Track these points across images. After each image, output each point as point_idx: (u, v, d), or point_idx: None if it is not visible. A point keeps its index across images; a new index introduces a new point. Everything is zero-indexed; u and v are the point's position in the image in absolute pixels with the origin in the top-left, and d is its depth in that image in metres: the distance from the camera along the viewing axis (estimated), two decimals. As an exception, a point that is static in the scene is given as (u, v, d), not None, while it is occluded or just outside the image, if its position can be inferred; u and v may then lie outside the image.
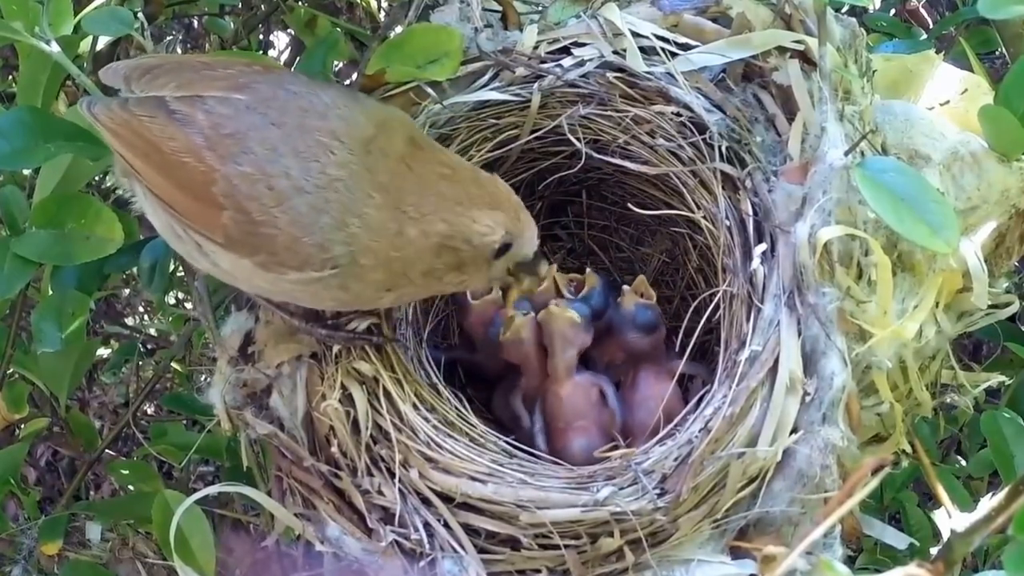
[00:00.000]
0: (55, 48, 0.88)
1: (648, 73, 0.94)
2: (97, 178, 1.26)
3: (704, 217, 0.93)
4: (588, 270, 1.03)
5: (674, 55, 0.95)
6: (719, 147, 0.91)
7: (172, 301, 1.63)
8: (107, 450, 1.23)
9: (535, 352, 0.98)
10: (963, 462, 1.25)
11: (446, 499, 0.82)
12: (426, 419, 0.85)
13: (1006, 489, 0.53)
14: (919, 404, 0.92)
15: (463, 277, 0.81)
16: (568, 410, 0.96)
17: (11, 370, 1.10)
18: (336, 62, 1.37)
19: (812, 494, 0.80)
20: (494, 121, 0.98)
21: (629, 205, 1.01)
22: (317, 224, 0.76)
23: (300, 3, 1.39)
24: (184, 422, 1.48)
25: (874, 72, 0.96)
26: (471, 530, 0.82)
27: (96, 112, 0.82)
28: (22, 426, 1.26)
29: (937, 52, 1.08)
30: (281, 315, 0.89)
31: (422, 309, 1.04)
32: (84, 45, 1.03)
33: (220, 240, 0.79)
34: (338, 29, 1.21)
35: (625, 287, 0.99)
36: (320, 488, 0.86)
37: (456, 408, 0.90)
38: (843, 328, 0.82)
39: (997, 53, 1.26)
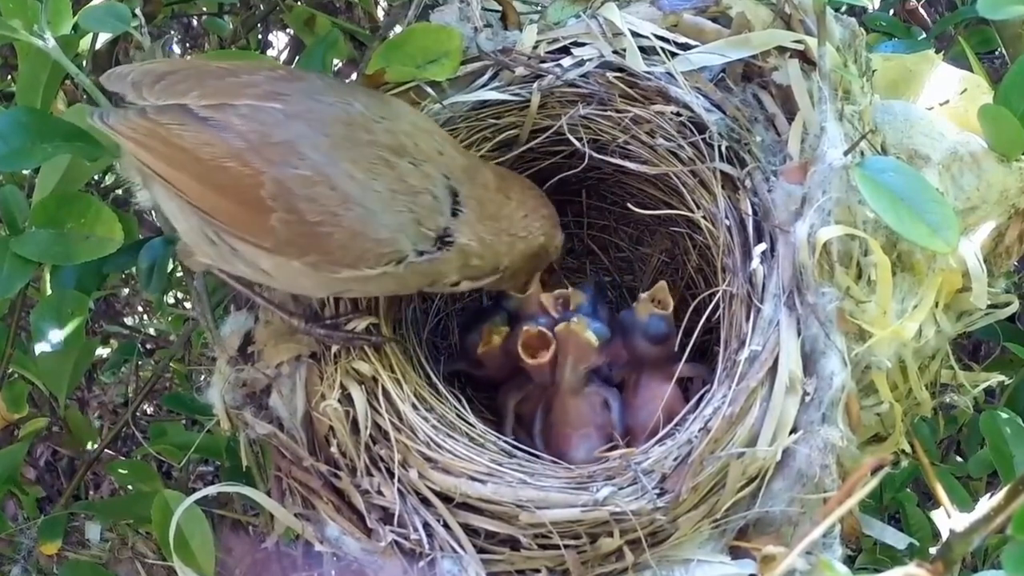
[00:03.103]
0: (54, 47, 0.88)
1: (648, 73, 0.94)
2: (97, 178, 1.26)
3: (704, 217, 0.93)
4: (571, 289, 1.02)
5: (674, 55, 0.95)
6: (719, 147, 0.91)
7: (171, 301, 1.62)
8: (107, 450, 1.22)
9: (550, 366, 0.98)
10: (963, 462, 1.25)
11: (445, 499, 0.82)
12: (425, 419, 0.85)
13: (1005, 489, 0.53)
14: (919, 404, 0.92)
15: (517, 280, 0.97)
16: (574, 416, 0.97)
17: (11, 370, 1.10)
18: (336, 61, 1.37)
19: (812, 494, 0.80)
20: (494, 121, 0.98)
21: (629, 205, 1.01)
22: (386, 223, 0.80)
23: (299, 2, 1.38)
24: (184, 422, 1.48)
25: (874, 72, 0.96)
26: (470, 530, 0.82)
27: (113, 123, 0.80)
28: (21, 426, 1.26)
29: (937, 52, 1.08)
30: (280, 315, 0.89)
31: (422, 309, 1.04)
32: (83, 44, 1.03)
33: (268, 244, 0.79)
34: (337, 28, 1.21)
35: (642, 294, 0.98)
36: (320, 488, 0.86)
37: (456, 408, 0.90)
38: (843, 328, 0.82)
39: (997, 53, 1.26)
